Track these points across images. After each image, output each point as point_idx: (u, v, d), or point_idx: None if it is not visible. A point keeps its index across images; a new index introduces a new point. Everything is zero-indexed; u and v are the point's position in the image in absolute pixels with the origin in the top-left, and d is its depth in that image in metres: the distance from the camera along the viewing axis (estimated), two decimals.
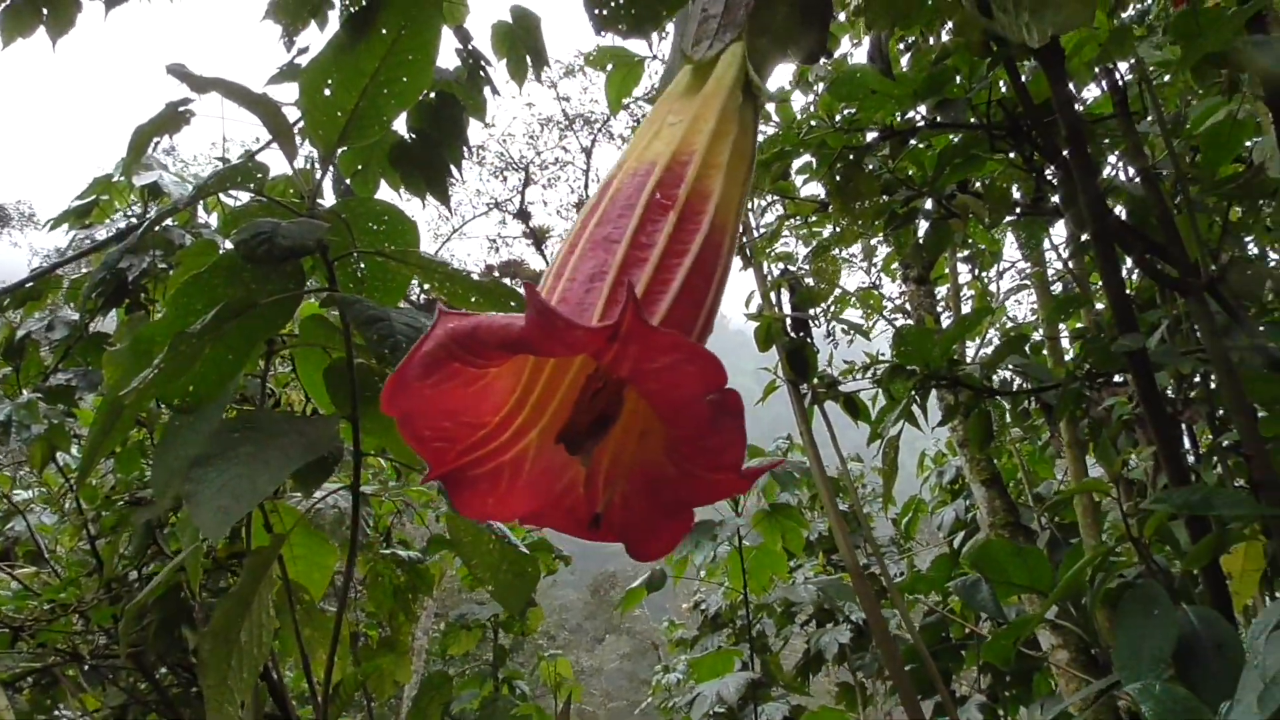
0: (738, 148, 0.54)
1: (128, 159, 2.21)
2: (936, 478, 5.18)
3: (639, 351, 0.38)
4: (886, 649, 2.38)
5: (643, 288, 0.45)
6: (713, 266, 0.48)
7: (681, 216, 0.48)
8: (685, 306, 0.46)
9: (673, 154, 0.51)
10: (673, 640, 6.39)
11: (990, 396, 2.03)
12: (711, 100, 0.55)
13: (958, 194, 2.00)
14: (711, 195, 0.50)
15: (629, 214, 0.48)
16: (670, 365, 0.38)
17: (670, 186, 0.49)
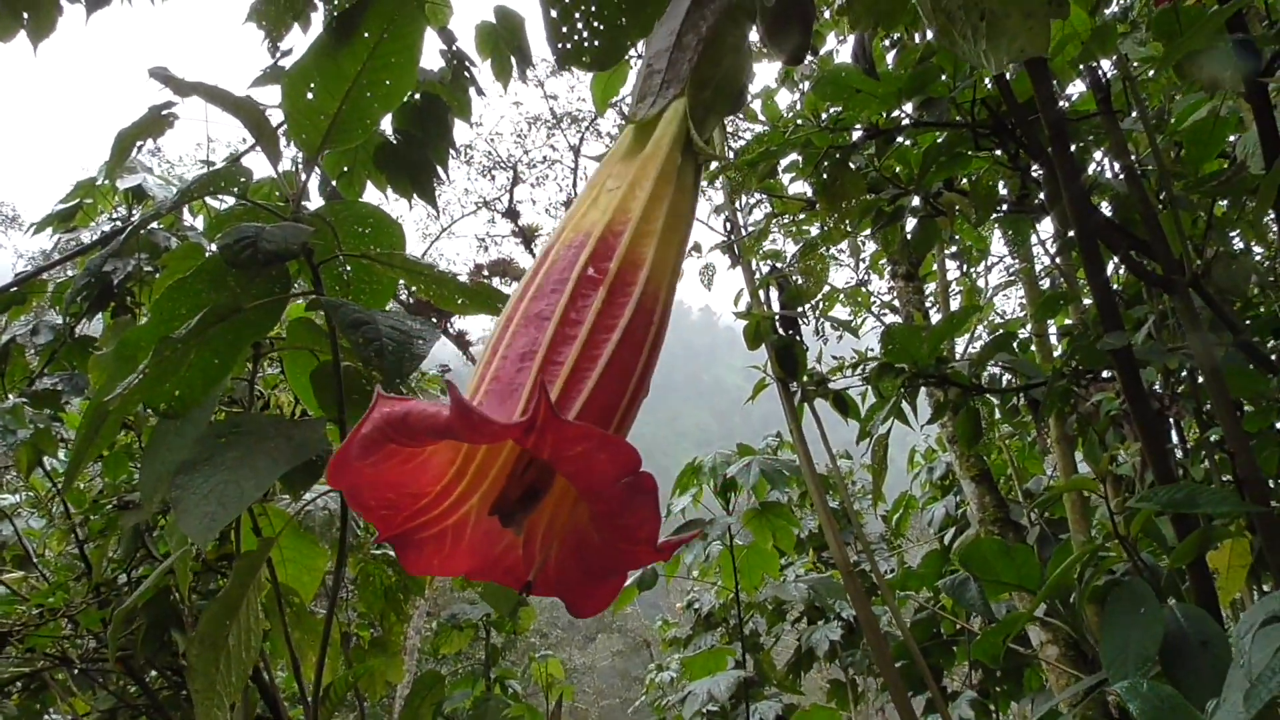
0: (674, 210, 0.55)
1: (110, 162, 2.21)
2: (927, 474, 5.19)
3: (555, 441, 0.40)
4: (876, 646, 2.38)
5: (569, 367, 0.47)
6: (643, 334, 0.50)
7: (611, 290, 0.49)
8: (612, 380, 0.48)
9: (607, 224, 0.52)
10: (666, 639, 6.40)
11: (978, 394, 2.03)
12: (649, 164, 0.55)
13: (944, 192, 2.01)
14: (643, 264, 0.51)
15: (561, 289, 0.49)
16: (584, 453, 0.40)
17: (602, 259, 0.51)
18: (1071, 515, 3.40)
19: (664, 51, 0.63)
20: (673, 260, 0.53)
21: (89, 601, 2.87)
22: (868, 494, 6.10)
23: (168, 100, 2.19)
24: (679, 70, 0.62)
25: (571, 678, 22.21)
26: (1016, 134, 1.73)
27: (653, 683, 5.93)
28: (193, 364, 1.56)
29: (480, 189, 17.95)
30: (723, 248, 2.97)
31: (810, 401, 3.06)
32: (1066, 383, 1.80)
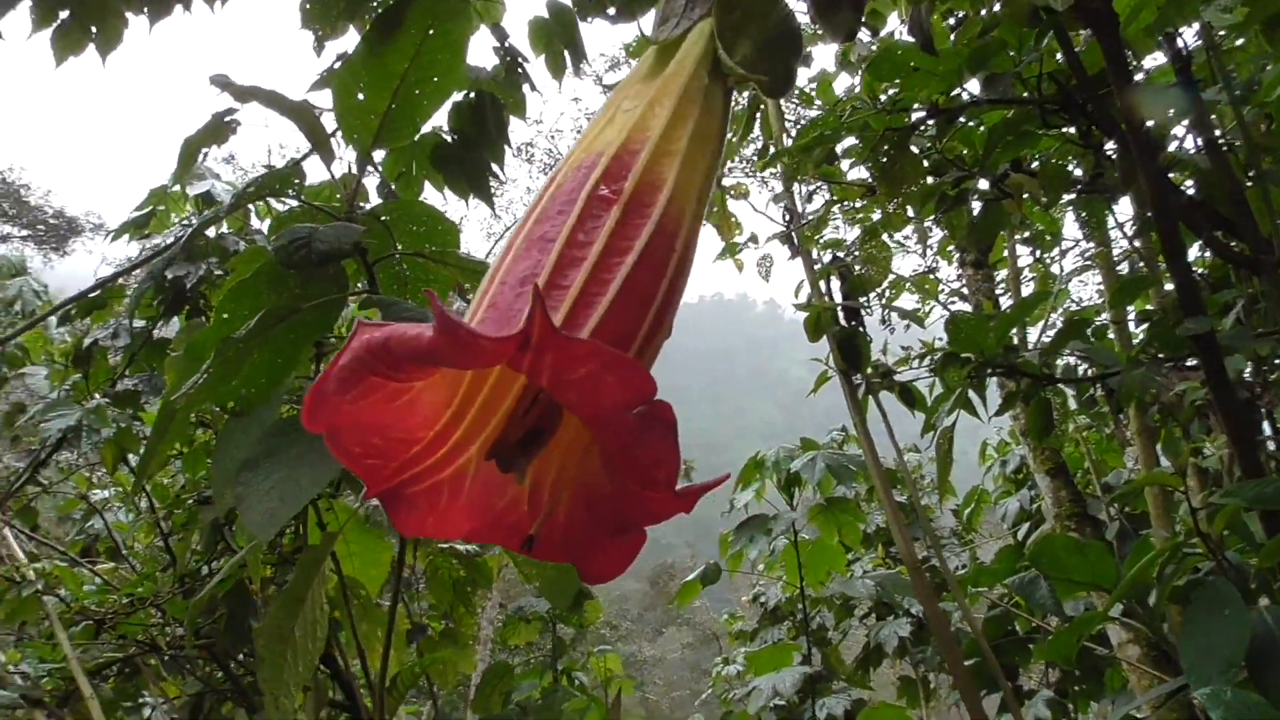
0: (700, 131, 0.49)
1: (178, 170, 2.24)
2: (999, 467, 5.04)
3: (555, 361, 0.34)
4: (944, 643, 2.31)
5: (577, 289, 0.41)
6: (663, 260, 0.44)
7: (627, 210, 0.43)
8: (628, 307, 0.41)
9: (623, 143, 0.47)
10: (732, 632, 6.35)
11: (1050, 384, 1.95)
12: (671, 82, 0.50)
13: (1011, 173, 1.93)
14: (664, 185, 0.45)
15: (568, 210, 0.43)
16: (589, 375, 0.34)
17: (616, 178, 0.45)
18: (1154, 510, 3.27)
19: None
20: (698, 187, 0.48)
21: (174, 591, 2.96)
22: (936, 488, 5.97)
23: (229, 107, 2.22)
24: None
25: (642, 670, 22.32)
26: (1087, 110, 1.65)
27: (719, 676, 5.89)
28: (256, 363, 1.57)
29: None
30: (781, 237, 2.91)
31: (875, 394, 2.99)
32: (1145, 371, 1.71)
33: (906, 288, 4.96)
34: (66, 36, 2.71)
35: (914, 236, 4.80)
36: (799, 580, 3.37)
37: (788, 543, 3.34)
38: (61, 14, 2.71)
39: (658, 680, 22.84)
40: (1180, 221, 1.43)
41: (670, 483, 0.36)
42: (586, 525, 0.42)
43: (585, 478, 0.42)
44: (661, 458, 0.36)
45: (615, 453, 0.37)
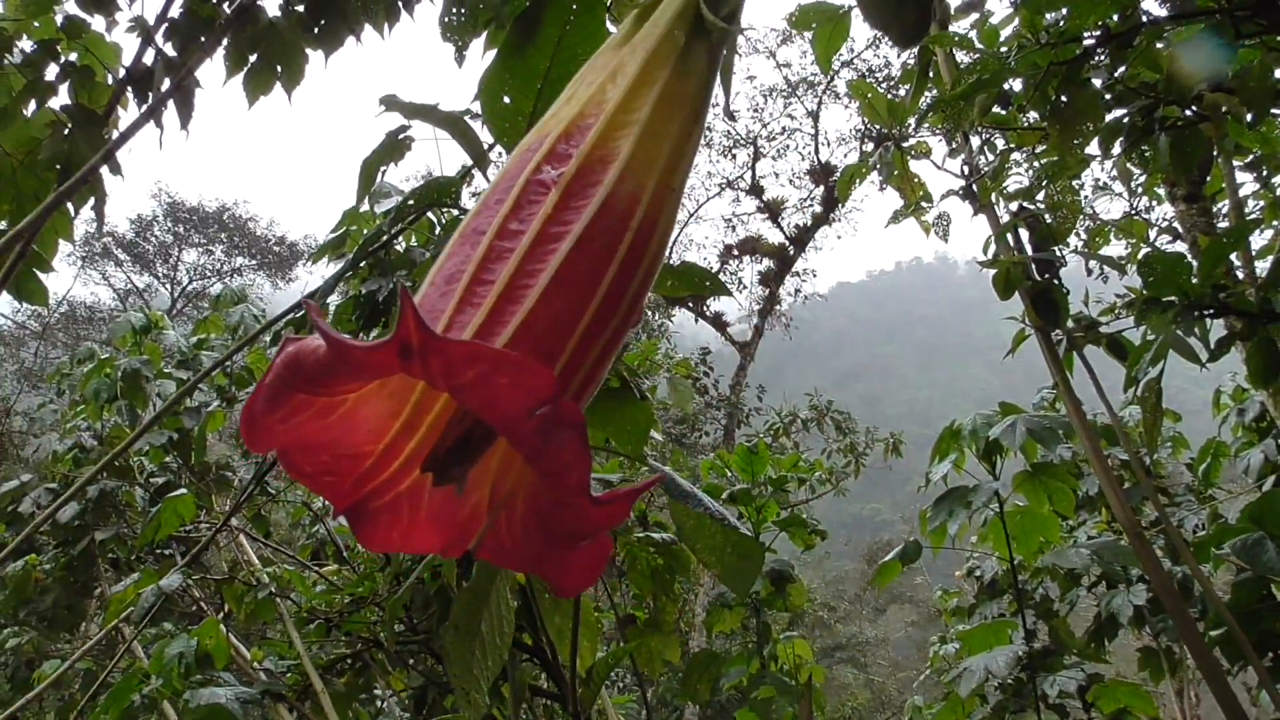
0: (669, 95, 0.43)
1: (360, 190, 2.37)
2: (1237, 416, 4.59)
3: (440, 365, 0.31)
4: (1175, 611, 2.12)
5: (502, 284, 0.37)
6: (611, 243, 0.39)
7: (567, 192, 0.39)
8: (561, 296, 0.37)
9: (573, 118, 0.42)
10: (948, 609, 6.11)
11: (1271, 321, 1.75)
12: (640, 46, 0.45)
13: (1204, 95, 1.73)
14: (613, 159, 0.40)
15: (505, 198, 0.40)
16: (477, 378, 0.31)
17: (561, 158, 0.40)
18: None
19: None
20: (665, 158, 0.42)
21: (391, 590, 3.15)
22: (1166, 442, 5.51)
23: (401, 124, 2.32)
24: None
25: (865, 651, 21.92)
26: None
27: (936, 655, 5.70)
28: None
29: (722, 169, 17.87)
30: (962, 193, 2.76)
31: (1079, 349, 2.79)
32: None
33: (1111, 233, 4.60)
34: (257, 78, 2.93)
35: (1116, 177, 4.42)
36: (1008, 552, 3.18)
37: (994, 514, 3.17)
38: (251, 57, 2.94)
39: (881, 661, 22.37)
40: None
41: (582, 488, 0.33)
42: (539, 536, 0.39)
43: (527, 488, 0.39)
44: (569, 462, 0.33)
45: (528, 460, 0.34)
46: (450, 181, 1.88)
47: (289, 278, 24.32)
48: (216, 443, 5.78)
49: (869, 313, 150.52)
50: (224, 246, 24.25)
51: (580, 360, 0.39)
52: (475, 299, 0.37)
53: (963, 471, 3.31)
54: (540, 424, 0.32)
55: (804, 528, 3.80)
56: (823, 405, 16.48)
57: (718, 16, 0.47)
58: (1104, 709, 3.49)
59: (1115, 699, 3.47)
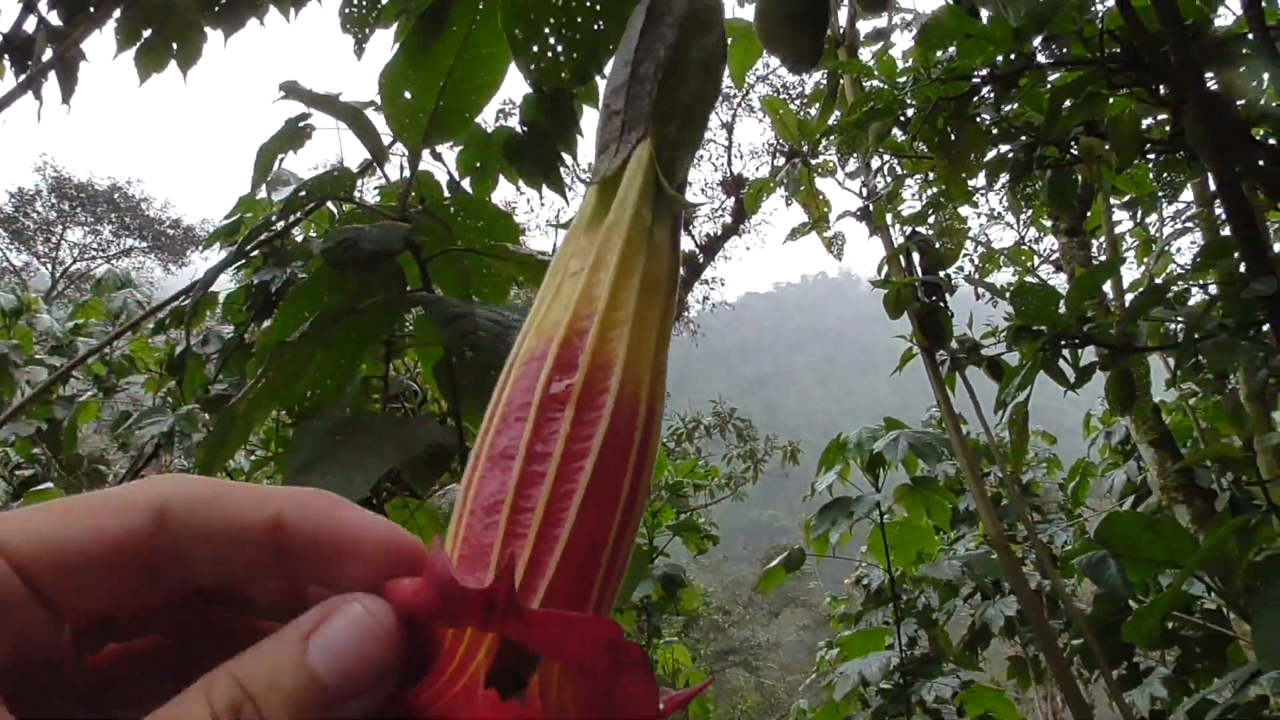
0: (648, 280, 0.45)
1: (255, 176, 2.32)
2: (1105, 439, 4.84)
3: (515, 629, 0.33)
4: (1037, 622, 2.24)
5: (540, 513, 0.39)
6: (625, 446, 0.41)
7: (580, 404, 0.40)
8: (595, 509, 0.39)
9: (569, 322, 0.43)
10: (837, 616, 6.27)
11: (1128, 354, 1.86)
12: (613, 233, 0.46)
13: (1080, 137, 1.84)
14: (614, 362, 0.42)
15: (524, 416, 0.41)
16: (551, 638, 0.34)
17: (567, 369, 0.42)
18: (1269, 475, 3.09)
19: (620, 88, 0.53)
20: (653, 341, 0.44)
21: None
22: (1040, 463, 5.77)
23: (303, 112, 2.29)
24: (640, 107, 0.52)
25: (757, 654, 22.25)
26: (1155, 67, 1.56)
27: (823, 660, 5.84)
28: (321, 365, 1.62)
29: None
30: (857, 215, 2.86)
31: (960, 369, 2.91)
32: (1226, 338, 1.61)
33: (1000, 260, 4.81)
34: (149, 54, 2.83)
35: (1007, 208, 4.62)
36: (887, 562, 3.30)
37: (874, 524, 3.28)
38: (144, 32, 2.83)
39: (773, 665, 22.72)
40: (1255, 177, 1.34)
41: (652, 716, 0.36)
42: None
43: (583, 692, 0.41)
44: (637, 697, 0.35)
45: (597, 696, 0.37)
46: (345, 175, 1.86)
47: (182, 262, 23.33)
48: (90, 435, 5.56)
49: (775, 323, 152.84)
50: (113, 226, 23.15)
51: (616, 556, 0.42)
52: (519, 529, 0.39)
53: (848, 482, 3.41)
54: (611, 667, 0.34)
55: (697, 532, 3.87)
56: (726, 412, 16.69)
57: (673, 186, 0.48)
58: (971, 713, 3.64)
59: (981, 703, 3.62)
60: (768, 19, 0.99)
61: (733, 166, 17.79)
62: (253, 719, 0.28)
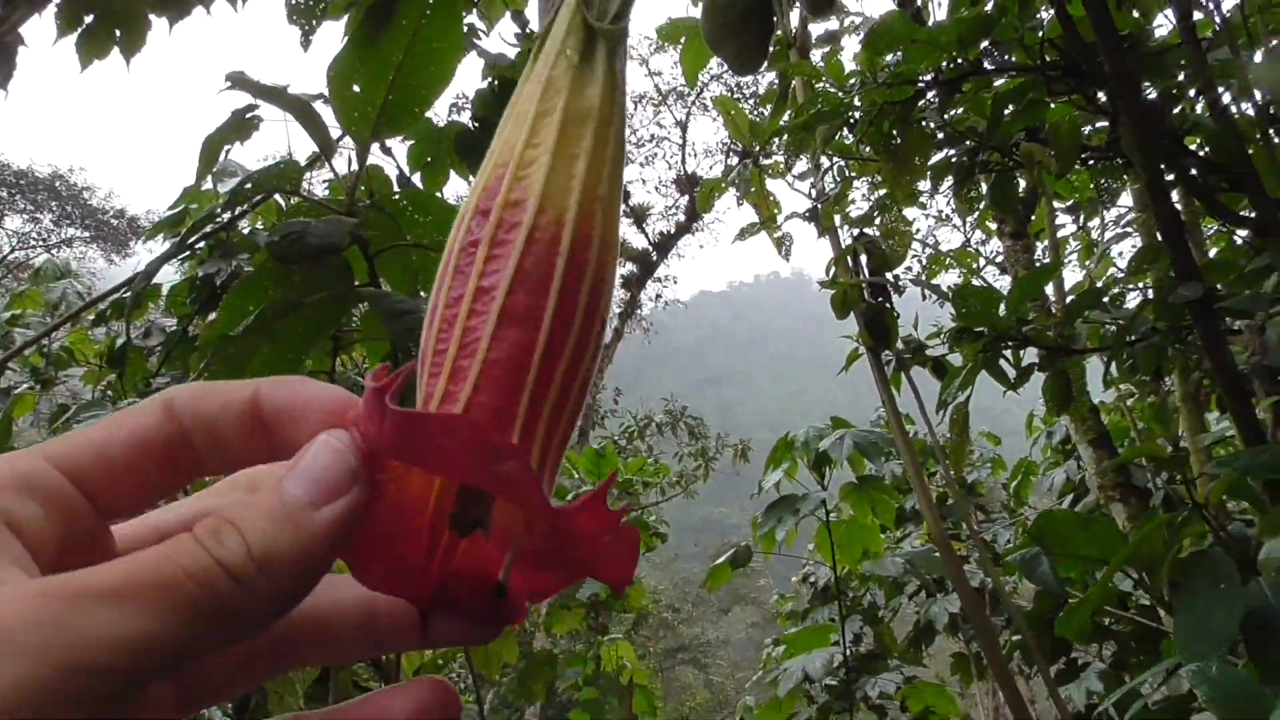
0: (571, 114, 0.45)
1: (199, 168, 2.29)
2: (1046, 438, 4.95)
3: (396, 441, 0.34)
4: (977, 619, 2.28)
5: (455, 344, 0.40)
6: (546, 269, 0.41)
7: (492, 241, 0.40)
8: (510, 337, 0.40)
9: (490, 172, 0.44)
10: (784, 613, 6.32)
11: (1065, 355, 1.91)
12: (534, 83, 0.47)
13: (1022, 143, 1.88)
14: (528, 197, 0.42)
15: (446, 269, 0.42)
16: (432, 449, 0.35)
17: (483, 214, 0.43)
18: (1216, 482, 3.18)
19: None
20: (583, 171, 0.43)
21: None
22: (986, 463, 5.88)
23: (250, 103, 2.26)
24: None
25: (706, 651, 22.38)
26: (1093, 75, 1.60)
27: (769, 657, 5.89)
28: (266, 358, 1.60)
29: None
30: (805, 216, 2.89)
31: (906, 370, 2.95)
32: (1161, 339, 1.66)
33: (946, 262, 4.88)
34: (91, 40, 2.77)
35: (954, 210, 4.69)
36: (833, 560, 3.35)
37: (820, 522, 3.33)
38: (86, 18, 2.77)
39: (722, 662, 22.85)
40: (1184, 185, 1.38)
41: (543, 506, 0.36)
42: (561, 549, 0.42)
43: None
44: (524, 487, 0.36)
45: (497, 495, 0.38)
46: (291, 168, 1.84)
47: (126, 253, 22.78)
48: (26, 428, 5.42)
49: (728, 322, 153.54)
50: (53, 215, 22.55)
51: (545, 388, 0.41)
52: (436, 369, 0.40)
53: (795, 481, 3.45)
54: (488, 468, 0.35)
55: (646, 529, 3.88)
56: (677, 410, 16.76)
57: (606, 22, 0.48)
58: (913, 708, 3.70)
59: (922, 699, 3.68)
60: (713, 20, 1.00)
61: (687, 165, 17.86)
62: (230, 535, 0.33)
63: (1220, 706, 0.90)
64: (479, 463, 0.34)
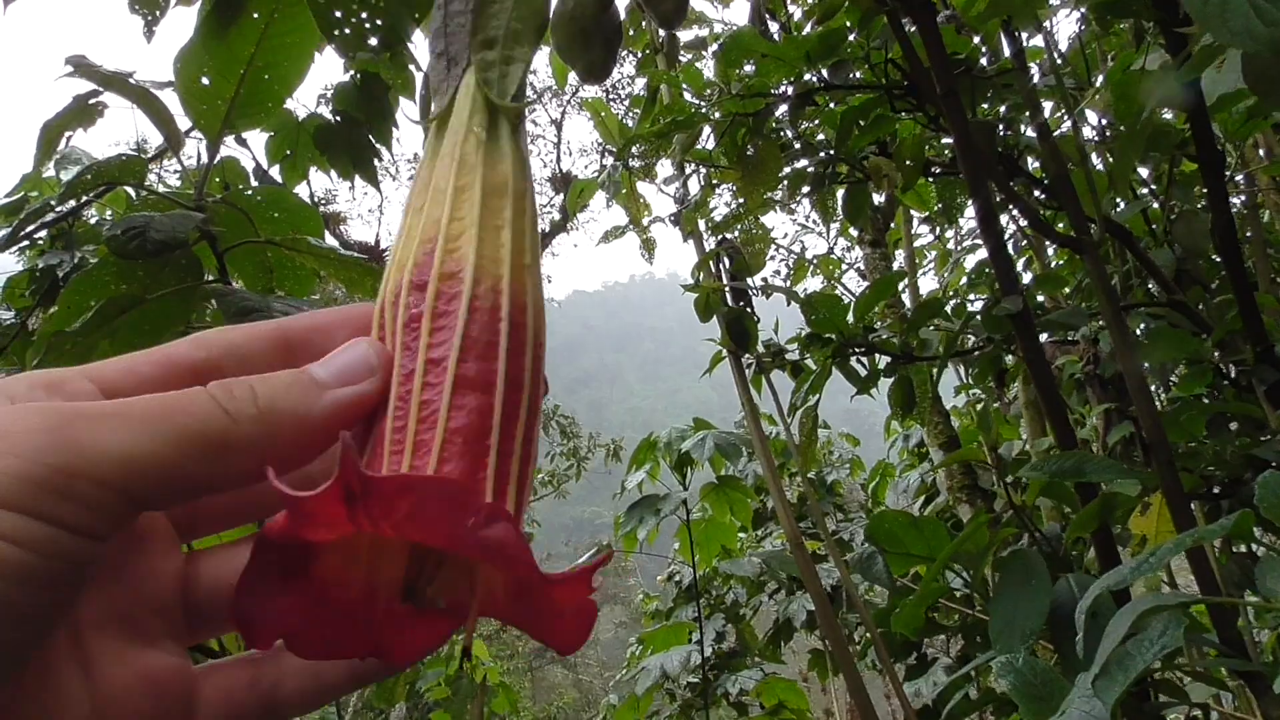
0: (489, 189, 0.46)
1: (38, 154, 2.17)
2: (903, 441, 5.16)
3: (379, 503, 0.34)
4: (823, 616, 2.37)
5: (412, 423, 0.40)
6: (491, 336, 0.42)
7: (434, 314, 0.41)
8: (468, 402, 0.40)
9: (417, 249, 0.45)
10: (649, 612, 6.39)
11: (909, 362, 2.00)
12: (446, 160, 0.47)
13: (870, 156, 1.97)
14: (461, 268, 0.43)
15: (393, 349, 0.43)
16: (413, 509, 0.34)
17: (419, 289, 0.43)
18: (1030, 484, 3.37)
19: (439, 30, 0.54)
20: (509, 240, 0.44)
21: None
22: (845, 463, 6.09)
23: (93, 89, 2.15)
24: (459, 40, 0.53)
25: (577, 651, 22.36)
26: (932, 95, 1.68)
27: (633, 656, 5.94)
28: (105, 355, 1.52)
29: None
30: (670, 220, 2.93)
31: (766, 373, 3.03)
32: (993, 349, 1.77)
33: (810, 268, 5.03)
34: None
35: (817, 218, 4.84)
36: (692, 559, 3.41)
37: (680, 522, 3.39)
38: None
39: (591, 661, 22.91)
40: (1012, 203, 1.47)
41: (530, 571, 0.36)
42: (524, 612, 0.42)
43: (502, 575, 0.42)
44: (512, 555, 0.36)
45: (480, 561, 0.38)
46: (135, 161, 1.76)
47: None
48: None
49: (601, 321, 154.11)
50: None
51: (509, 447, 0.42)
52: (398, 445, 0.39)
53: (658, 481, 3.50)
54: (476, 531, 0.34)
55: None
56: (549, 409, 16.74)
57: (508, 100, 0.49)
58: (766, 703, 3.80)
59: (774, 694, 3.79)
60: (562, 34, 1.01)
61: (561, 164, 17.83)
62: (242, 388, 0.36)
63: (1021, 694, 0.96)
64: (465, 527, 0.34)
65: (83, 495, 0.31)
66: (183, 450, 0.33)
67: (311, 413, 0.37)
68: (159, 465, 0.32)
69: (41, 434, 0.30)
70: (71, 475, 0.30)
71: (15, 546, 0.29)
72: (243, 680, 0.40)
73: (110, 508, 0.31)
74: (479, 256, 0.43)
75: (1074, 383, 2.86)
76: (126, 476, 0.31)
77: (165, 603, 0.39)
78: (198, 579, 0.41)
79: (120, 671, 0.36)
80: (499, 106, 0.49)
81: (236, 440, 0.35)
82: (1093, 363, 2.53)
